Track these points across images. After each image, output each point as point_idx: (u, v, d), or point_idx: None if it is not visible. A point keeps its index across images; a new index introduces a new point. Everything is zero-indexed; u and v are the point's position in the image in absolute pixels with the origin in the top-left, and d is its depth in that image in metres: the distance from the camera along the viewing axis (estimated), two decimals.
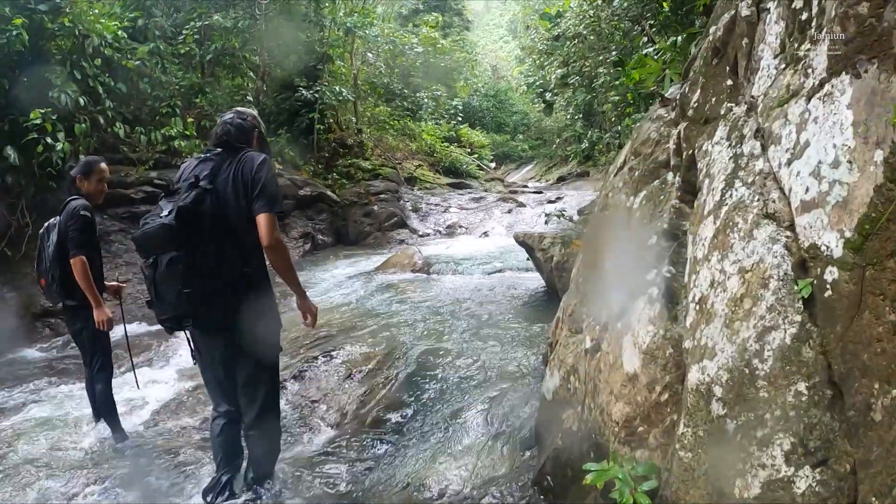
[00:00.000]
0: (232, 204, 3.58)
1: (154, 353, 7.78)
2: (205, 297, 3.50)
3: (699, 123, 3.18)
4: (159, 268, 3.48)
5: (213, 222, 3.50)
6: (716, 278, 2.37)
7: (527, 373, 5.65)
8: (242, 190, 3.57)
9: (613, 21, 15.44)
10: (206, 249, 3.48)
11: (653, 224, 3.24)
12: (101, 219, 11.07)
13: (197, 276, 3.45)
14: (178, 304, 3.49)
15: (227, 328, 3.69)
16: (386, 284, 10.22)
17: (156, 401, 6.11)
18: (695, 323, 2.45)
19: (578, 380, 3.65)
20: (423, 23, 26.79)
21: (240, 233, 3.59)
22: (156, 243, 3.50)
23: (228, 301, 3.58)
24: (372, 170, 19.26)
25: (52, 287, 5.15)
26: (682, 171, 3.23)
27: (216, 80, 16.08)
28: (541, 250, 8.41)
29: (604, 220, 4.32)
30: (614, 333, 3.17)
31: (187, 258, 3.43)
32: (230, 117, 3.94)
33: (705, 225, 2.58)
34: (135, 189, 12.01)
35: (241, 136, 3.86)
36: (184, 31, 14.88)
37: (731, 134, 2.69)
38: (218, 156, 3.74)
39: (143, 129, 12.56)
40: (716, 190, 2.58)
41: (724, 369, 2.18)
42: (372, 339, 6.80)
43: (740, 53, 2.92)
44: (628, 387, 2.89)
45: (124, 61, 12.13)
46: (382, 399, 5.50)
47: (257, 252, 3.67)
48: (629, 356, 2.92)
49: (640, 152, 4.12)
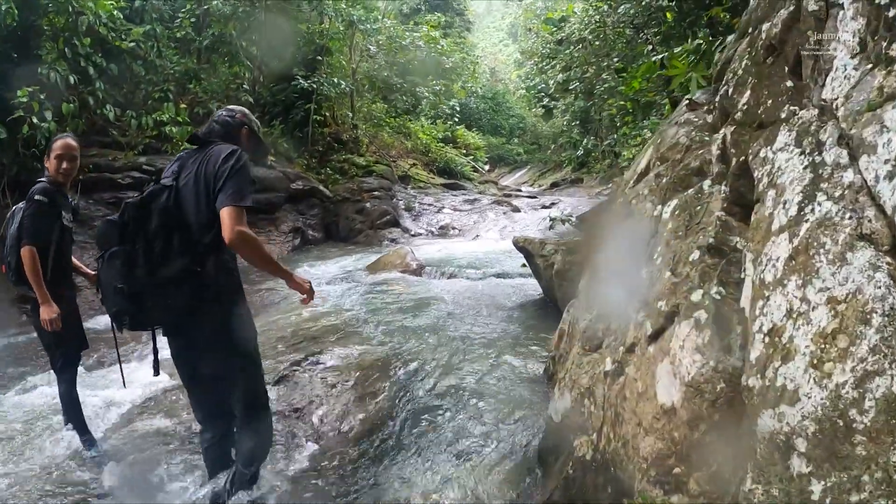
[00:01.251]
0: (190, 200, 3.34)
1: (129, 347, 7.39)
2: (140, 293, 3.27)
3: (751, 128, 2.86)
4: (102, 263, 3.34)
5: (163, 219, 3.28)
6: (794, 307, 2.03)
7: (526, 386, 5.33)
8: (204, 186, 3.32)
9: (619, 28, 15.31)
10: (149, 246, 3.26)
11: (692, 237, 2.93)
12: (85, 203, 10.76)
13: (134, 271, 3.25)
14: (115, 300, 3.30)
15: (178, 329, 3.52)
16: (377, 285, 9.88)
17: (129, 402, 5.72)
18: (763, 358, 2.11)
19: (594, 404, 3.34)
20: (425, 22, 26.56)
21: (195, 230, 3.33)
22: (104, 239, 3.37)
23: (170, 300, 3.31)
24: (366, 166, 19.02)
25: (10, 275, 4.71)
26: (729, 180, 2.90)
27: (212, 67, 15.75)
28: (541, 257, 8.10)
29: (624, 230, 4.00)
30: (645, 358, 2.86)
31: (126, 253, 3.26)
32: (217, 115, 3.78)
33: (776, 243, 2.24)
34: (122, 174, 11.70)
35: (226, 134, 3.66)
36: (180, 14, 14.52)
37: (801, 140, 2.36)
38: (190, 152, 3.57)
39: (133, 113, 12.26)
40: (789, 203, 2.24)
41: (810, 419, 1.84)
42: (361, 344, 6.46)
43: (806, 53, 2.60)
44: (662, 420, 2.57)
45: (118, 42, 11.81)
46: (372, 409, 5.14)
47: (217, 251, 3.39)
48: (665, 386, 2.60)
49: (668, 158, 3.82)
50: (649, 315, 2.94)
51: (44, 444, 4.94)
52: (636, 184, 4.19)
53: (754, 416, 2.09)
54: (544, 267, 7.97)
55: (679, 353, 2.57)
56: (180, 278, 3.28)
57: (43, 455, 4.78)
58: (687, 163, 3.55)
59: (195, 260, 3.30)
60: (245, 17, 15.77)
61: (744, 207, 2.79)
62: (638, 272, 3.39)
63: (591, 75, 20.79)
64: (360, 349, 6.27)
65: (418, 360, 5.98)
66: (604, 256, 4.28)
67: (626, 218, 4.03)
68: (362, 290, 9.42)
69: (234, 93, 15.89)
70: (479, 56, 38.51)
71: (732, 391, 2.30)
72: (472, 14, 48.18)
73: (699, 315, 2.58)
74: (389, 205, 17.73)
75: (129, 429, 5.17)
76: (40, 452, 4.83)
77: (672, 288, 2.81)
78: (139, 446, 4.83)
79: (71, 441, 4.86)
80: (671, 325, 2.74)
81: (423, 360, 5.96)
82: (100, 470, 4.54)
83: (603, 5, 15.89)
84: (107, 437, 5.08)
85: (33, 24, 10.43)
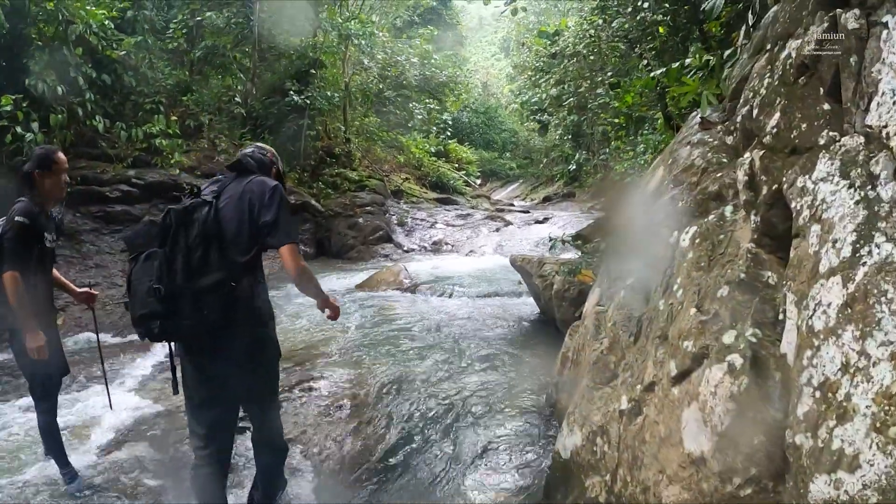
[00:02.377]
0: (231, 220, 3.42)
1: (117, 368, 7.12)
2: (176, 298, 3.24)
3: (783, 153, 2.68)
4: (137, 263, 3.33)
5: (203, 230, 3.31)
6: (851, 361, 1.83)
7: (527, 413, 5.13)
8: (248, 212, 3.43)
9: (613, 42, 15.24)
10: (189, 253, 3.28)
11: (717, 270, 2.74)
12: (72, 217, 10.56)
13: (172, 275, 3.24)
14: (146, 302, 3.24)
15: (206, 344, 3.43)
16: (370, 303, 9.66)
17: (112, 429, 5.45)
18: (814, 415, 1.91)
19: (608, 444, 3.15)
20: (418, 35, 26.49)
21: (231, 249, 3.38)
22: (140, 240, 3.41)
23: (205, 310, 3.28)
24: (359, 181, 18.82)
25: None
26: (760, 209, 2.72)
27: (204, 79, 15.56)
28: (539, 277, 7.91)
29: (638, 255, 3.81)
30: (668, 400, 2.67)
31: (165, 256, 3.26)
32: (251, 151, 3.91)
33: (826, 287, 2.04)
34: (110, 187, 11.47)
35: (259, 169, 3.75)
36: (172, 25, 14.35)
37: (847, 170, 2.17)
38: (229, 177, 3.65)
39: (123, 125, 12.04)
40: (841, 242, 2.04)
41: (873, 488, 1.63)
42: (354, 368, 6.23)
43: (845, 73, 2.41)
44: (689, 470, 2.39)
45: (109, 51, 11.59)
46: (368, 439, 4.92)
47: (253, 272, 3.52)
48: (693, 434, 2.41)
49: (682, 181, 3.64)
50: (672, 354, 2.75)
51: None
52: (650, 206, 4.02)
53: (804, 479, 1.89)
54: (543, 287, 7.78)
55: (710, 399, 2.39)
56: (216, 290, 3.29)
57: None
58: (704, 186, 3.39)
59: (232, 275, 3.34)
60: (238, 28, 15.62)
61: (775, 239, 2.62)
62: (655, 305, 3.21)
63: (584, 90, 20.76)
64: (354, 373, 6.06)
65: (414, 385, 5.77)
66: (617, 284, 4.09)
67: (639, 242, 3.86)
68: (355, 310, 9.19)
69: (226, 105, 15.72)
70: (472, 70, 38.48)
71: (773, 446, 2.11)
72: (464, 29, 48.28)
73: (733, 359, 2.39)
74: (382, 220, 17.52)
75: (113, 458, 4.93)
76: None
77: (700, 327, 2.63)
78: (124, 481, 4.60)
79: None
80: (699, 367, 2.56)
81: (419, 386, 5.75)
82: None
83: (597, 20, 15.83)
84: (94, 465, 4.83)
85: (21, 33, 10.22)
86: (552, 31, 22.57)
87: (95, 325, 5.33)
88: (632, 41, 13.00)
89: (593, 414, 3.41)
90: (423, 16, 35.62)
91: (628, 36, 13.01)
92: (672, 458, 2.52)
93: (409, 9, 30.82)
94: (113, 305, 9.39)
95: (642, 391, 2.95)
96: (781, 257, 2.58)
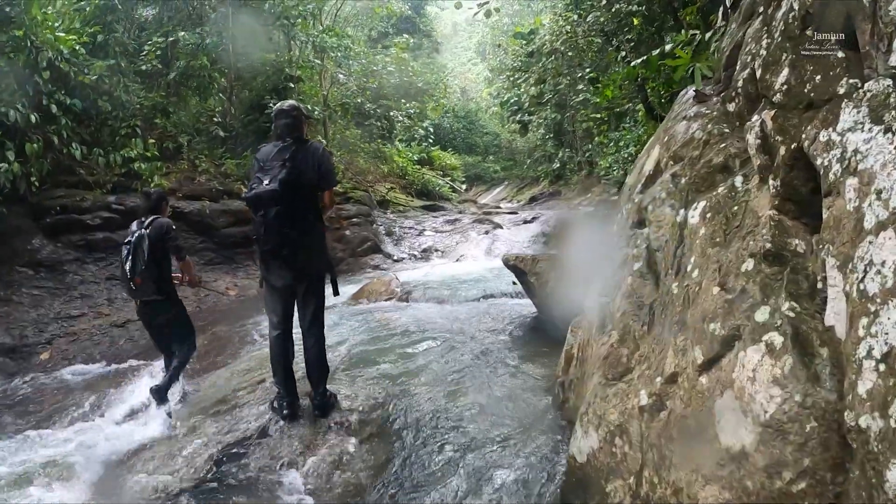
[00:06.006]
0: (308, 177, 4.96)
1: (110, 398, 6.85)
2: (292, 237, 4.93)
3: (797, 110, 2.50)
4: (268, 217, 4.86)
5: (294, 188, 4.85)
6: None
7: (535, 417, 4.91)
8: (314, 169, 5.00)
9: (589, 36, 15.15)
10: (293, 205, 4.88)
11: (737, 244, 2.53)
12: (53, 247, 10.35)
13: (288, 222, 4.89)
14: (278, 239, 4.93)
15: (298, 261, 5.05)
16: (362, 316, 9.37)
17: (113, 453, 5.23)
18: (880, 392, 1.68)
19: (629, 444, 2.94)
20: (394, 44, 26.39)
21: (309, 198, 5.04)
22: (265, 202, 4.86)
23: (302, 242, 4.99)
24: (343, 193, 18.60)
25: None
26: (779, 173, 2.53)
27: (182, 100, 15.31)
28: (534, 274, 7.68)
29: (637, 240, 3.59)
30: (695, 392, 2.47)
31: (285, 211, 4.86)
32: (289, 108, 5.34)
33: (876, 244, 1.81)
34: (91, 215, 11.22)
35: (300, 126, 5.26)
36: (146, 47, 14.12)
37: (879, 115, 1.96)
38: (292, 143, 5.08)
39: (101, 151, 11.85)
40: (887, 192, 1.81)
41: None
42: (349, 383, 5.94)
43: (859, 17, 2.20)
44: (730, 467, 2.18)
45: (81, 76, 11.35)
46: (366, 459, 4.66)
47: (315, 211, 5.14)
48: (730, 426, 2.21)
49: (683, 156, 3.44)
50: (696, 339, 2.55)
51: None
52: (645, 188, 3.81)
53: (876, 467, 1.67)
54: (539, 284, 7.56)
55: (749, 386, 2.18)
56: (306, 227, 5.01)
57: None
58: (708, 159, 3.18)
59: (310, 216, 5.07)
60: (213, 47, 15.39)
61: (799, 204, 2.43)
62: (667, 289, 3.00)
63: (564, 86, 20.70)
64: (348, 389, 5.80)
65: (412, 396, 5.53)
66: (618, 272, 3.86)
67: (640, 226, 3.64)
68: (347, 323, 8.91)
69: (204, 126, 15.48)
70: (449, 76, 38.44)
71: (826, 431, 1.90)
72: (439, 35, 48.29)
73: (771, 338, 2.18)
74: (370, 231, 17.28)
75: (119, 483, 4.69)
76: None
77: (726, 306, 2.43)
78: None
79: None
80: (730, 351, 2.35)
81: (418, 397, 5.50)
82: None
83: (572, 15, 15.76)
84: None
85: None
86: (527, 31, 22.54)
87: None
88: (608, 34, 12.93)
89: (609, 413, 3.21)
90: (398, 25, 35.54)
91: (604, 29, 12.95)
92: (707, 456, 2.31)
93: (382, 20, 30.68)
94: (101, 335, 9.14)
95: (664, 384, 2.75)
96: (806, 222, 2.40)
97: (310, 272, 5.20)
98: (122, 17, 14.22)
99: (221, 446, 4.96)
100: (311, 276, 5.24)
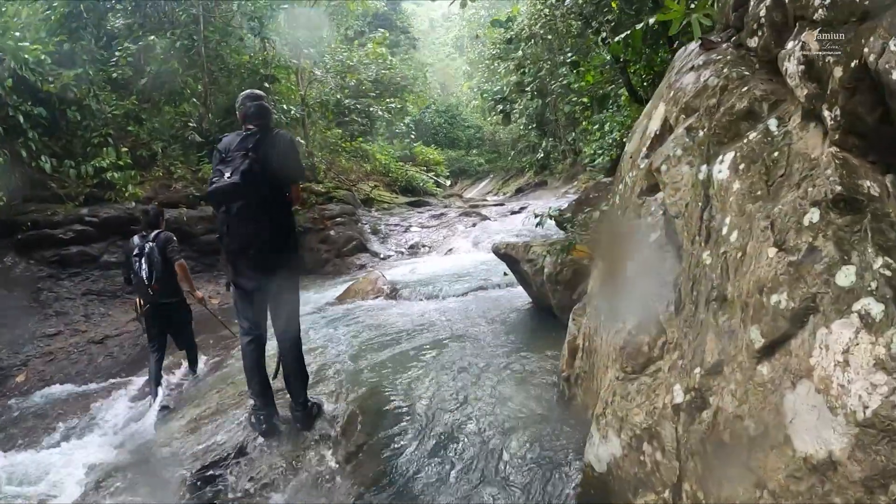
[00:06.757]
0: (273, 167, 4.63)
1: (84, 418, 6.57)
2: (259, 234, 4.69)
3: (848, 24, 2.13)
4: (231, 213, 4.62)
5: (258, 180, 4.56)
6: None
7: (539, 418, 4.48)
8: (277, 159, 4.67)
9: (568, 19, 14.94)
10: (257, 199, 4.62)
11: (792, 194, 2.20)
12: (25, 265, 10.05)
13: (253, 218, 4.64)
14: (244, 238, 4.69)
15: (267, 260, 4.80)
16: (350, 316, 9.07)
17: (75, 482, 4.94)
18: None
19: (662, 451, 2.59)
20: (370, 40, 26.11)
21: (275, 191, 4.78)
22: (227, 196, 4.59)
23: (270, 239, 4.77)
24: (325, 193, 18.36)
25: None
26: (838, 100, 2.11)
27: (154, 106, 14.97)
28: (528, 262, 7.37)
29: (652, 208, 3.29)
30: (753, 385, 2.10)
31: (249, 205, 4.60)
32: (254, 94, 5.06)
33: None
34: (63, 229, 10.93)
35: (266, 113, 4.95)
36: (116, 53, 13.78)
37: None
38: (257, 132, 4.75)
39: (72, 163, 11.55)
40: None
41: None
42: (336, 392, 5.60)
43: None
44: (810, 480, 1.82)
45: (46, 86, 11.01)
46: (354, 475, 4.33)
47: (284, 205, 4.90)
48: (812, 427, 1.84)
49: (698, 107, 3.07)
50: (751, 317, 2.17)
51: None
52: (652, 150, 3.49)
53: None
54: (533, 273, 7.24)
55: (838, 374, 1.80)
56: (273, 221, 4.80)
57: None
58: (729, 105, 2.81)
59: (279, 209, 4.86)
60: (185, 51, 15.06)
61: (864, 137, 2.07)
62: (697, 260, 2.67)
63: (544, 72, 20.51)
64: (333, 396, 5.48)
65: (406, 403, 5.14)
66: (627, 248, 3.53)
67: (651, 192, 3.32)
68: (333, 326, 8.59)
69: (179, 132, 15.15)
70: (429, 71, 38.22)
71: None
72: (416, 31, 48.10)
73: (865, 307, 1.79)
74: (355, 230, 17.01)
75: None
76: None
77: (791, 271, 2.04)
78: None
79: None
80: (801, 328, 1.98)
81: (413, 403, 5.12)
82: None
83: None
84: None
85: None
86: (505, 19, 22.31)
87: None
88: (586, 17, 12.65)
89: (633, 413, 2.86)
90: (374, 23, 35.25)
91: (582, 12, 12.68)
92: (776, 466, 1.96)
93: (358, 17, 30.35)
94: (78, 353, 8.83)
95: (704, 375, 2.40)
96: (874, 160, 2.04)
97: (281, 272, 4.88)
98: (90, 24, 13.89)
99: (196, 468, 4.65)
100: (283, 277, 4.92)
